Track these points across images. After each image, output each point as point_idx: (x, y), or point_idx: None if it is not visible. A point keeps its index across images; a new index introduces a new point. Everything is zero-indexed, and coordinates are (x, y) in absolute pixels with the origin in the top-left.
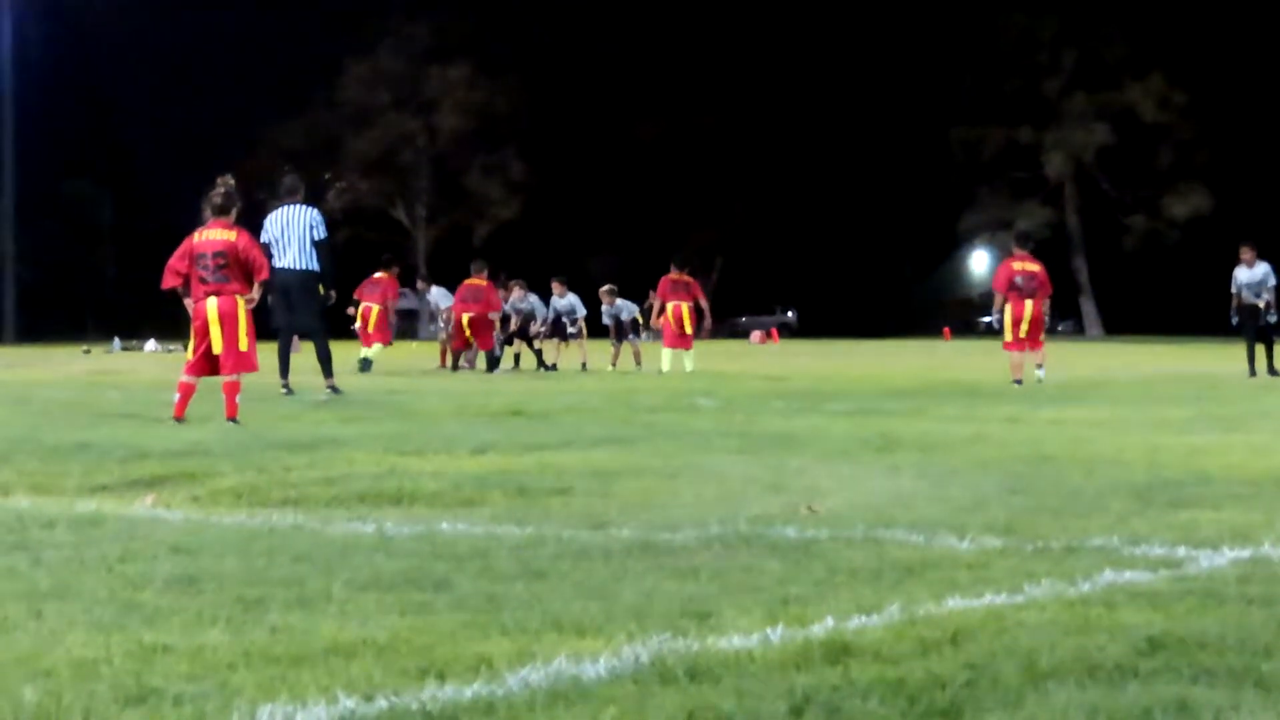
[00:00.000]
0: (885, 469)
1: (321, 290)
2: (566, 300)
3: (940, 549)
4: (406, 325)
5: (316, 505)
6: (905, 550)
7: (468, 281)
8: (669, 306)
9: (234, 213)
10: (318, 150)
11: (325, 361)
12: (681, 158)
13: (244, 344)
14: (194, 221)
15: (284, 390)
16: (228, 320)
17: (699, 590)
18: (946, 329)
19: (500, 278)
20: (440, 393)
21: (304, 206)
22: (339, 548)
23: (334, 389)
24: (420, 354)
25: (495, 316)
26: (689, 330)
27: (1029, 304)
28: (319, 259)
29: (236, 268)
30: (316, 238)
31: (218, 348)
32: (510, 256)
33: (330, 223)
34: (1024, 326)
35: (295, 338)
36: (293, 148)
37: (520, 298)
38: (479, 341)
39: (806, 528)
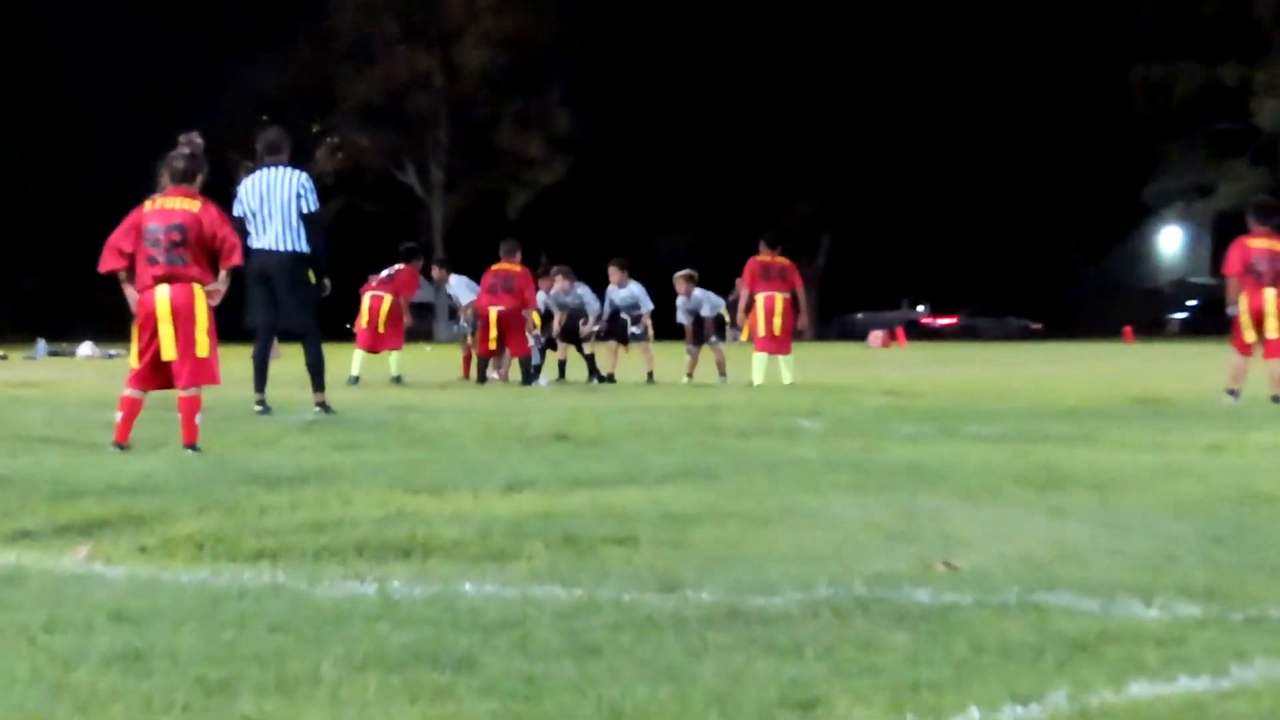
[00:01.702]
0: (1048, 512)
1: (313, 278)
2: (628, 291)
3: (1120, 618)
4: (419, 323)
5: (301, 559)
6: (1074, 620)
7: (496, 267)
8: (759, 299)
9: (199, 180)
10: (303, 96)
11: (316, 371)
12: (778, 105)
13: (203, 348)
14: (146, 192)
15: (259, 408)
16: (182, 316)
17: (802, 671)
18: (1128, 328)
19: (541, 262)
20: (462, 411)
21: (289, 169)
22: (330, 614)
23: (324, 406)
24: (437, 360)
25: (533, 313)
26: (778, 330)
27: (1270, 294)
28: (309, 237)
29: (198, 248)
30: (306, 210)
31: (169, 353)
32: (554, 234)
33: (321, 190)
34: (1271, 322)
35: (276, 340)
36: (272, 94)
37: (566, 289)
38: (511, 345)
39: (943, 589)
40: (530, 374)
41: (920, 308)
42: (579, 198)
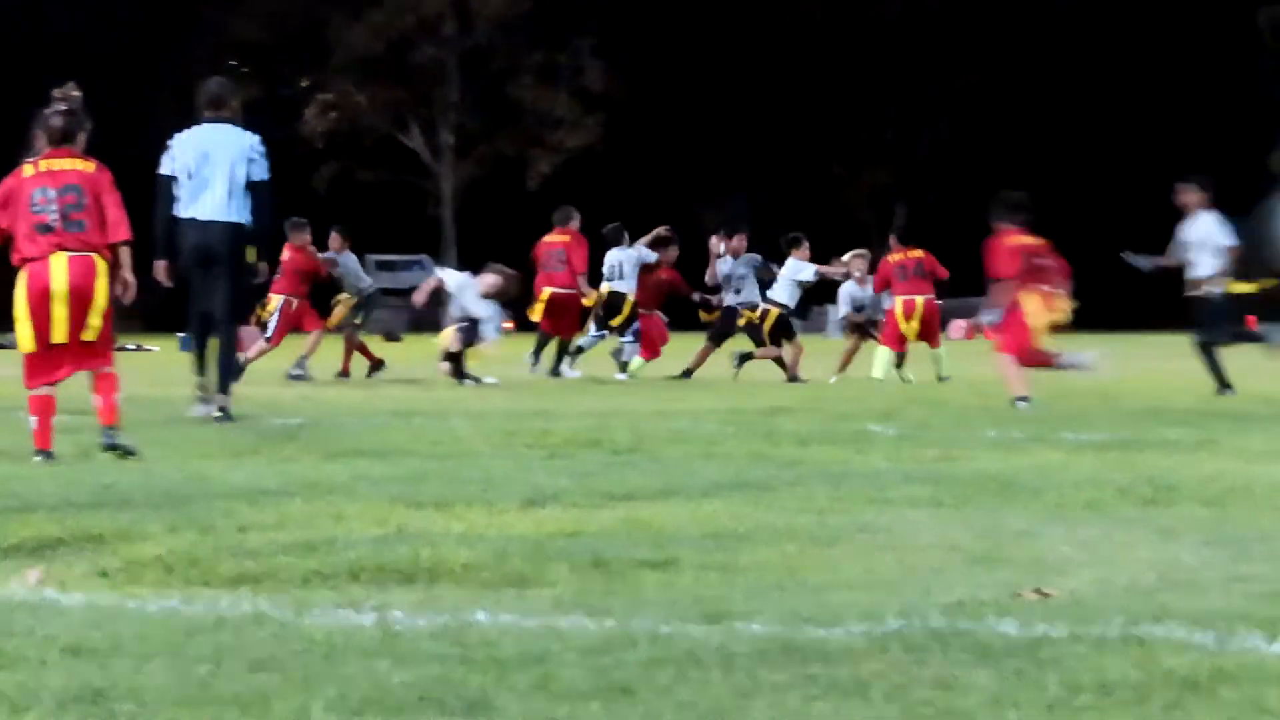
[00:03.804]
0: (1156, 532)
1: (251, 255)
2: None
3: (1240, 654)
4: (427, 311)
5: (288, 584)
6: (1184, 656)
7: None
8: (898, 301)
9: (82, 140)
10: (289, 43)
11: (225, 370)
12: (848, 54)
13: (92, 333)
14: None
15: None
16: (78, 296)
17: (868, 715)
18: (1251, 317)
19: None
20: (475, 413)
21: (238, 129)
22: (321, 649)
23: (224, 413)
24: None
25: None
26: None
27: None
28: (254, 210)
29: (97, 213)
30: (256, 176)
31: (59, 335)
32: (584, 207)
33: (312, 154)
34: None
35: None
36: (251, 42)
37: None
38: (562, 326)
39: (1033, 621)
40: (561, 357)
41: None
42: (613, 165)
